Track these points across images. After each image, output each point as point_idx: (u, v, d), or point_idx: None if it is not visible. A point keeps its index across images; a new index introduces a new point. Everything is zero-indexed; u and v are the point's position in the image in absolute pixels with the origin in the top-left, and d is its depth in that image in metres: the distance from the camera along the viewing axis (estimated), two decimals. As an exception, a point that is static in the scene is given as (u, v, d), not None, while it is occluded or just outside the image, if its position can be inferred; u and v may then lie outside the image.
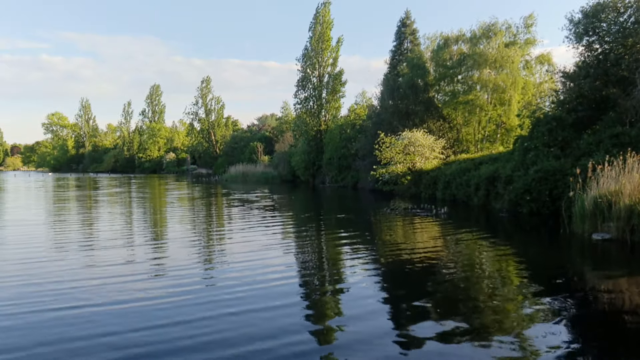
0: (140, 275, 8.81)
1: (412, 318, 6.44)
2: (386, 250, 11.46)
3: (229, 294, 7.48)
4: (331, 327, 6.09)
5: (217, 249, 11.87)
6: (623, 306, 7.00)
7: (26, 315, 6.47)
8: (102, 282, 8.20)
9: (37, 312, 6.61)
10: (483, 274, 9.00)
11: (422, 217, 17.58)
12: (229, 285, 8.06)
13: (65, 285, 8.02)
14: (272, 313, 6.51)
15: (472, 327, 5.98)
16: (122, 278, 8.52)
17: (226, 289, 7.82)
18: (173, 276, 8.66)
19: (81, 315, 6.43)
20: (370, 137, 33.32)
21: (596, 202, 11.91)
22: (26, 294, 7.49)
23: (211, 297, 7.32)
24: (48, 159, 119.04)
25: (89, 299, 7.17)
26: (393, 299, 7.37)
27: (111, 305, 6.88)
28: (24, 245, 12.25)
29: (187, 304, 6.93)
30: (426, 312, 6.66)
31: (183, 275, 8.73)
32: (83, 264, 9.85)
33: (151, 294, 7.49)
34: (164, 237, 13.88)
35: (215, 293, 7.57)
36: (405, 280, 8.65)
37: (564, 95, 20.01)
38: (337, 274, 9.08)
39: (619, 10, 18.40)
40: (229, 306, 6.80)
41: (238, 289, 7.71)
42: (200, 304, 6.93)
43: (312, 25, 46.59)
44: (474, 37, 30.69)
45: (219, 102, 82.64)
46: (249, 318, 6.29)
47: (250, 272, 8.88)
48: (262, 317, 6.35)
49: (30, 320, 6.30)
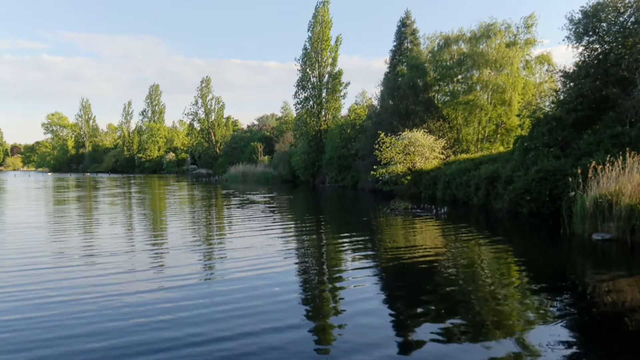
0: (140, 275, 8.81)
1: (412, 318, 6.44)
2: (386, 250, 11.46)
3: (228, 293, 7.47)
4: (331, 326, 6.09)
5: (217, 249, 11.85)
6: (623, 306, 6.99)
7: (28, 316, 6.47)
8: (103, 283, 8.19)
9: (38, 311, 6.62)
10: (483, 274, 8.99)
11: (422, 217, 17.58)
12: (228, 285, 8.05)
13: (65, 286, 8.01)
14: (272, 312, 6.51)
15: (472, 328, 5.98)
16: (122, 278, 8.52)
17: (226, 288, 7.81)
18: (173, 276, 8.64)
19: (81, 316, 6.43)
20: (370, 137, 33.31)
21: (596, 202, 11.90)
22: (27, 294, 7.49)
23: (211, 296, 7.31)
24: (48, 159, 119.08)
25: (90, 299, 7.17)
26: (393, 299, 7.37)
27: (112, 308, 6.87)
28: (24, 247, 12.22)
29: (186, 303, 6.92)
30: (426, 313, 6.66)
31: (183, 275, 8.72)
32: (84, 267, 9.83)
33: (152, 294, 7.49)
34: (164, 237, 13.86)
35: (215, 293, 7.56)
36: (405, 281, 8.64)
37: (564, 95, 20.00)
38: (337, 274, 9.08)
39: (619, 10, 18.39)
40: (228, 306, 6.80)
41: (238, 290, 7.71)
42: (199, 303, 6.92)
43: (311, 24, 46.60)
44: (473, 37, 30.70)
45: (219, 102, 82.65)
46: (248, 318, 6.28)
47: (250, 272, 8.87)
48: (262, 316, 6.34)
49: (31, 321, 6.30)
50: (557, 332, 5.76)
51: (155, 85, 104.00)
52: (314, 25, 46.27)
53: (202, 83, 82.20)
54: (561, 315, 6.46)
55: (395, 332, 5.85)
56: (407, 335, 5.76)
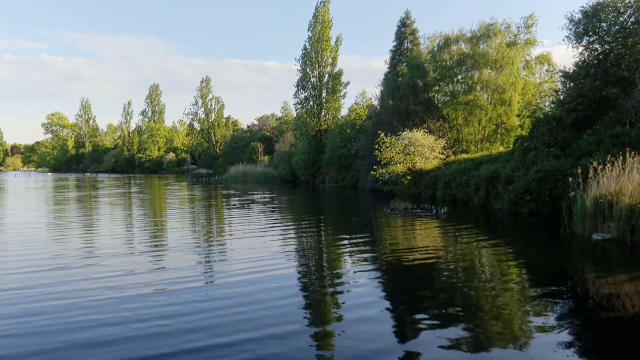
0: (140, 277, 8.81)
1: (414, 324, 6.41)
2: (386, 251, 11.45)
3: (228, 297, 7.45)
4: (332, 332, 6.05)
5: (217, 249, 11.85)
6: (623, 306, 6.99)
7: (26, 320, 6.46)
8: (102, 286, 8.18)
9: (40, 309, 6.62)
10: (483, 276, 8.99)
11: (422, 217, 17.57)
12: (227, 285, 8.05)
13: (66, 289, 8.01)
14: (272, 313, 6.51)
15: (473, 332, 5.97)
16: (122, 280, 8.52)
17: (224, 288, 7.81)
18: (173, 278, 8.63)
19: (81, 318, 6.42)
20: (370, 137, 33.31)
21: (596, 202, 11.89)
22: (27, 296, 7.49)
23: (210, 295, 7.32)
24: (48, 159, 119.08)
25: (89, 301, 7.17)
26: (394, 304, 7.35)
27: (112, 310, 6.87)
28: (25, 249, 12.22)
29: (185, 308, 6.90)
30: (427, 317, 6.64)
31: (182, 278, 8.71)
32: (84, 268, 9.82)
33: (152, 296, 7.49)
34: (164, 238, 13.86)
35: (214, 292, 7.57)
36: (406, 283, 8.64)
37: (564, 95, 20.00)
38: (337, 277, 9.06)
39: (619, 10, 18.39)
40: (227, 305, 6.80)
41: (237, 289, 7.71)
42: (200, 307, 6.91)
43: (311, 24, 46.60)
44: (474, 37, 30.69)
45: (219, 102, 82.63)
46: (248, 318, 6.28)
47: (250, 273, 8.87)
48: (261, 316, 6.34)
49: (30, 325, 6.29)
50: (558, 333, 5.75)
51: (155, 85, 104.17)
52: (314, 25, 46.26)
53: (202, 83, 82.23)
54: (561, 316, 6.45)
55: (397, 339, 5.76)
56: (408, 342, 5.70)
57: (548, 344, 5.39)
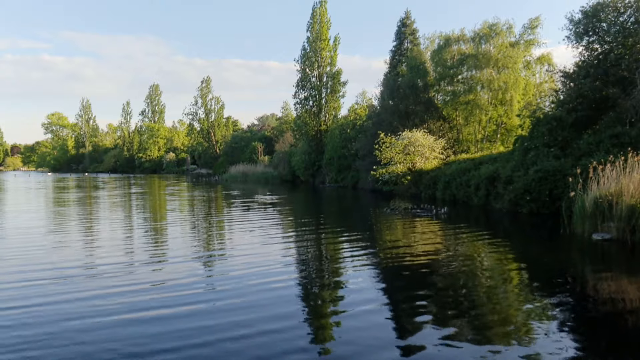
0: (139, 278, 8.82)
1: (413, 321, 6.42)
2: (386, 251, 11.45)
3: (228, 298, 7.46)
4: (332, 330, 6.07)
5: (217, 248, 11.85)
6: (623, 306, 6.99)
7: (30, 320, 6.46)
8: (102, 287, 8.19)
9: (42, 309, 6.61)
10: (483, 275, 8.99)
11: (422, 217, 17.57)
12: (227, 284, 8.06)
13: (66, 290, 8.00)
14: (272, 312, 6.51)
15: (472, 330, 5.98)
16: (122, 281, 8.52)
17: (224, 288, 7.82)
18: (173, 280, 8.64)
19: (80, 321, 6.42)
20: (370, 137, 33.31)
21: (596, 202, 11.89)
22: (28, 297, 7.49)
23: (210, 295, 7.32)
24: (48, 159, 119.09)
25: (88, 303, 7.17)
26: (394, 301, 7.35)
27: (111, 313, 6.87)
28: (25, 250, 12.21)
29: (186, 309, 6.91)
30: (427, 315, 6.65)
31: (182, 279, 8.72)
32: (83, 269, 9.83)
33: (152, 298, 7.49)
34: (164, 240, 13.86)
35: (213, 292, 7.58)
36: (405, 282, 8.63)
37: (564, 95, 20.01)
38: (337, 277, 9.07)
39: (619, 10, 18.40)
40: (226, 305, 6.81)
41: (237, 290, 7.72)
42: (199, 308, 6.91)
43: (309, 24, 46.62)
44: (476, 37, 30.69)
45: (219, 102, 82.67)
46: (247, 317, 6.29)
47: (250, 273, 8.87)
48: (261, 316, 6.35)
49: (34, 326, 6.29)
50: (558, 333, 5.76)
51: (155, 85, 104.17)
52: (312, 26, 46.29)
53: (202, 83, 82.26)
54: (562, 316, 6.45)
55: (397, 335, 5.83)
56: (408, 338, 5.74)
57: (548, 344, 5.39)
